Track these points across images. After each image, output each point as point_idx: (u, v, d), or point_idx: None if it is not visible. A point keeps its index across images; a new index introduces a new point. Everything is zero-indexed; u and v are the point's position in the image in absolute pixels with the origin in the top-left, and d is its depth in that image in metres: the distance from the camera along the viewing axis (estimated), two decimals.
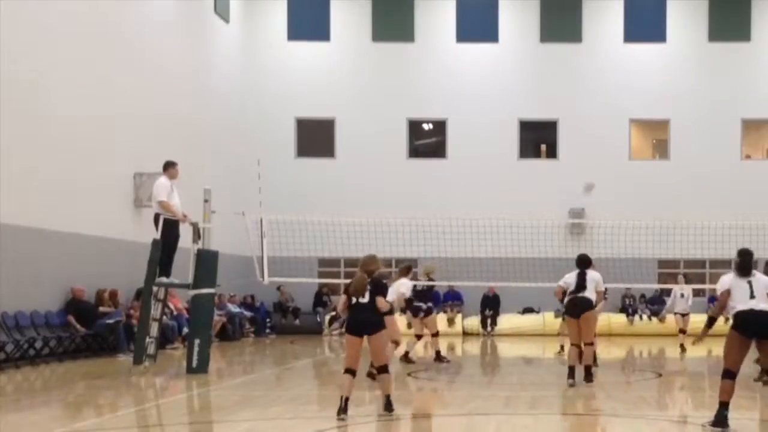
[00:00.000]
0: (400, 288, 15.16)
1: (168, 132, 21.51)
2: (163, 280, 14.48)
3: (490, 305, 27.10)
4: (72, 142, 17.55)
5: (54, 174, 16.85)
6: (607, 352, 21.55)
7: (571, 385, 12.54)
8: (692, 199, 27.03)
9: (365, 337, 9.72)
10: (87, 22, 18.26)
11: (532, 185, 28.10)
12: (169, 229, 14.45)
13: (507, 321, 26.97)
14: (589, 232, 25.74)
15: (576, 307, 12.95)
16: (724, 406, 9.01)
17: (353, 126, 28.63)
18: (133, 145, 19.84)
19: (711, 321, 9.55)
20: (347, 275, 26.76)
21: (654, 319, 27.02)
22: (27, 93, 16.13)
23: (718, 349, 18.84)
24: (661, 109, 28.87)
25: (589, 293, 12.93)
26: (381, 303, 9.74)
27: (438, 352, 16.86)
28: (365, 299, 9.86)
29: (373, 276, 10.05)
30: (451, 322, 26.78)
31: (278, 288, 26.67)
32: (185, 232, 14.97)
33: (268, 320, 26.67)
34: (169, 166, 14.82)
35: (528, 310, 27.53)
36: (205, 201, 14.98)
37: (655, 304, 27.40)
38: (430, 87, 28.75)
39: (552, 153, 29.24)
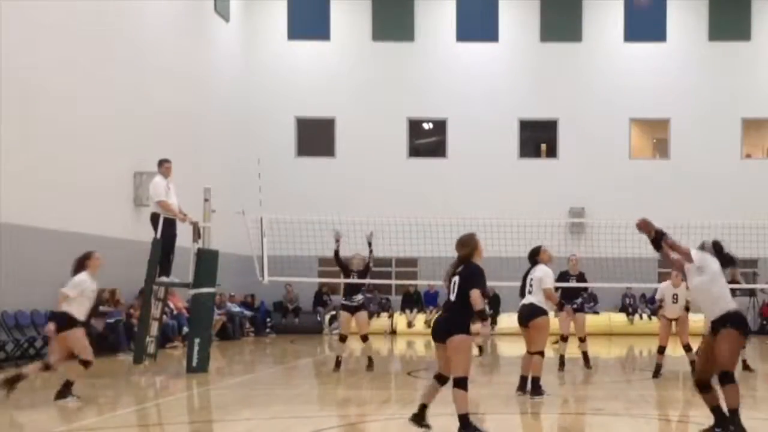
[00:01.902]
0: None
1: (168, 131, 21.52)
2: (164, 279, 14.49)
3: (490, 305, 27.06)
4: (72, 141, 17.56)
5: (54, 174, 16.85)
6: (607, 351, 21.56)
7: (520, 395, 11.54)
8: (692, 198, 27.03)
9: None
10: (87, 22, 18.26)
11: (532, 185, 28.10)
12: (166, 228, 14.46)
13: (507, 321, 26.93)
14: (589, 231, 25.71)
15: (522, 316, 11.66)
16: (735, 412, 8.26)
17: (353, 126, 28.64)
18: (132, 144, 19.85)
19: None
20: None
21: (654, 319, 27.01)
22: (27, 93, 16.13)
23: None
24: (661, 109, 28.87)
25: (535, 297, 11.56)
26: (475, 300, 7.94)
27: (370, 358, 14.92)
28: (452, 296, 8.13)
29: (469, 264, 8.20)
30: None
31: (286, 286, 26.64)
32: (186, 232, 14.97)
33: (268, 320, 26.68)
34: (161, 164, 14.83)
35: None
36: (205, 200, 14.98)
37: (655, 303, 27.39)
38: (430, 87, 28.75)
39: (552, 153, 29.25)
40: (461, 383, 7.92)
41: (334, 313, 27.13)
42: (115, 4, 19.43)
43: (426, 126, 29.75)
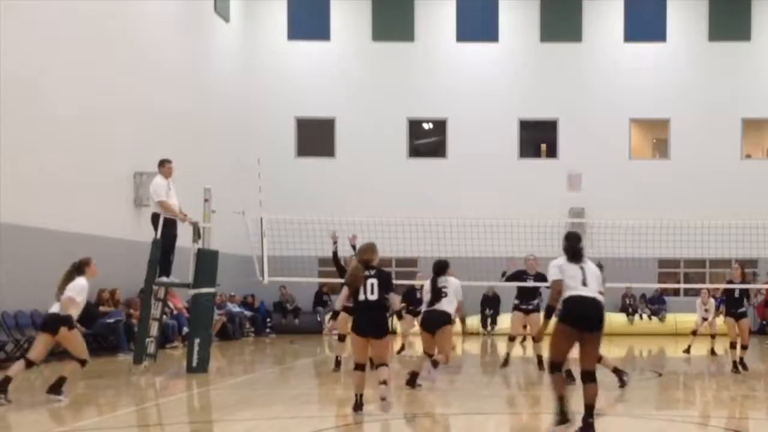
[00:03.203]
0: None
1: (168, 131, 21.52)
2: (164, 279, 14.49)
3: (490, 305, 27.07)
4: (72, 142, 17.56)
5: (54, 174, 16.85)
6: (607, 351, 21.52)
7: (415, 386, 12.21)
8: (692, 199, 27.01)
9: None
10: (87, 22, 18.26)
11: (532, 185, 28.09)
12: (166, 228, 14.46)
13: (507, 321, 26.89)
14: (589, 232, 25.67)
15: (436, 322, 12.13)
16: (561, 399, 8.38)
17: (353, 126, 28.63)
18: (133, 144, 19.85)
19: (549, 311, 8.55)
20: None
21: (654, 319, 27.06)
22: (27, 93, 16.13)
23: (720, 347, 18.86)
24: (661, 109, 28.86)
25: (450, 306, 12.12)
26: (395, 302, 9.71)
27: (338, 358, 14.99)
28: (374, 296, 9.52)
29: (380, 269, 9.72)
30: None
31: (281, 288, 26.72)
32: (185, 232, 14.97)
33: (268, 320, 26.68)
34: (162, 164, 14.82)
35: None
36: (205, 200, 14.97)
37: (655, 303, 27.41)
38: (430, 87, 28.73)
39: (552, 153, 29.24)
40: (386, 365, 9.73)
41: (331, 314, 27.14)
42: (115, 4, 19.43)
43: (426, 126, 29.74)
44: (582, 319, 8.32)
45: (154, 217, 14.57)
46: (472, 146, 28.44)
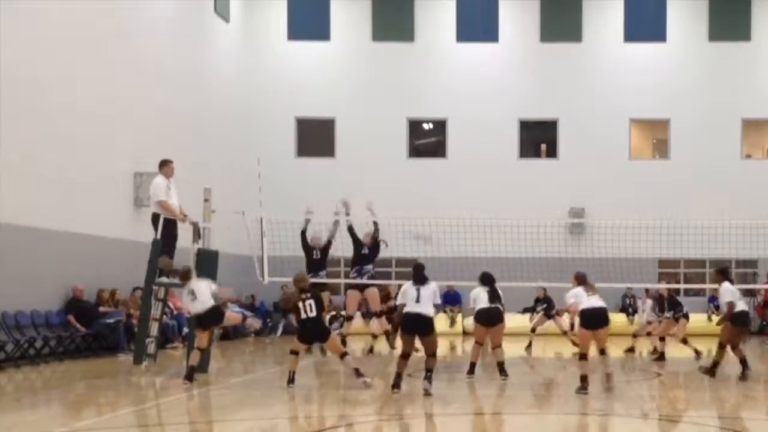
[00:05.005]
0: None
1: (168, 131, 21.52)
2: (164, 279, 14.48)
3: None
4: (72, 141, 17.56)
5: (54, 174, 16.85)
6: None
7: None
8: (692, 199, 27.02)
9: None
10: (87, 22, 18.26)
11: (532, 185, 28.10)
12: (167, 228, 14.45)
13: (506, 321, 26.88)
14: (589, 231, 25.69)
15: (492, 318, 14.53)
16: (399, 376, 11.47)
17: (353, 126, 28.63)
18: (133, 144, 19.85)
19: (396, 327, 12.18)
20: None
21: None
22: (27, 92, 16.13)
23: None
24: (661, 109, 28.87)
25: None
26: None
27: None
28: (313, 314, 11.96)
29: (314, 291, 12.20)
30: (452, 321, 26.88)
31: (282, 287, 26.67)
32: (186, 232, 14.96)
33: (268, 320, 26.67)
34: (163, 164, 14.81)
35: (528, 310, 27.49)
36: (205, 200, 14.98)
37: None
38: (430, 87, 28.75)
39: (552, 153, 29.25)
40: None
41: (333, 313, 27.11)
42: (115, 4, 19.43)
43: (426, 126, 29.75)
44: (413, 328, 11.58)
45: (154, 217, 14.56)
46: (472, 146, 28.45)
